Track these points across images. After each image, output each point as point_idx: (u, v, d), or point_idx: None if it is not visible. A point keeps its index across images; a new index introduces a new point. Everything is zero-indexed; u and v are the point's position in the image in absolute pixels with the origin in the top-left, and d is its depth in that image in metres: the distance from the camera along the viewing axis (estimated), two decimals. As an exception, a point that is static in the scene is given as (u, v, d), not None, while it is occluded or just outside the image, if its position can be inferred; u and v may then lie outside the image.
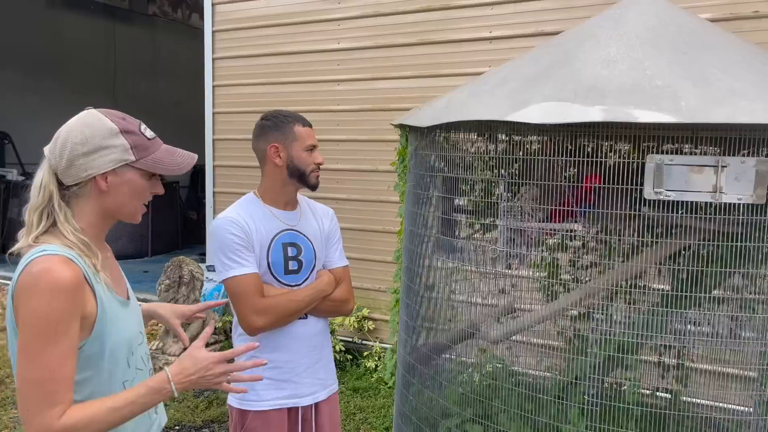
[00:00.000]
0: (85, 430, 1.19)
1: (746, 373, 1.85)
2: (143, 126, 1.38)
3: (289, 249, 2.05)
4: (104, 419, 1.21)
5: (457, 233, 2.06)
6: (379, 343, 4.59)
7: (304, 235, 2.08)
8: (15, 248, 1.27)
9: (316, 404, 2.09)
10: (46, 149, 1.32)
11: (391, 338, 2.39)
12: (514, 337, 2.12)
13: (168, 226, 8.45)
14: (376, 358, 4.50)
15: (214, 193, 5.39)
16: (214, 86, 5.31)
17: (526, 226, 1.77)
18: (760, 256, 1.63)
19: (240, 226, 1.97)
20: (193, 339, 5.06)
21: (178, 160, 1.39)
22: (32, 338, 1.17)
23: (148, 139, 1.36)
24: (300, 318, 2.05)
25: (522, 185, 1.74)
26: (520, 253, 1.84)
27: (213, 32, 5.26)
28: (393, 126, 2.21)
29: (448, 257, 2.03)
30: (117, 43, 10.49)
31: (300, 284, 2.06)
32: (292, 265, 2.05)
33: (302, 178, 2.03)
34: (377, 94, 4.57)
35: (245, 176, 4.61)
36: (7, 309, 1.24)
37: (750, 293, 1.86)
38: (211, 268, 5.15)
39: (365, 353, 4.59)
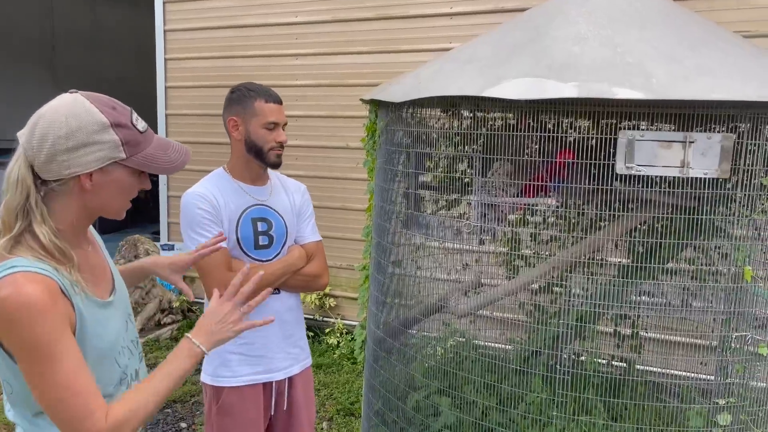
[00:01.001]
0: (133, 420, 1.14)
1: (697, 341, 1.95)
2: (135, 115, 1.23)
3: (259, 224, 2.02)
4: (147, 402, 1.17)
5: (429, 210, 2.07)
6: (341, 319, 4.61)
7: (275, 210, 2.06)
8: None
9: (290, 378, 2.10)
10: (21, 136, 1.16)
11: (360, 314, 2.40)
12: (479, 312, 2.17)
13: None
14: (338, 335, 4.52)
15: (167, 169, 5.23)
16: (166, 59, 5.12)
17: (501, 201, 1.80)
18: (711, 228, 1.71)
19: (208, 201, 1.94)
20: (149, 318, 4.89)
21: (172, 156, 1.26)
22: (34, 365, 1.09)
23: (140, 132, 1.22)
24: (272, 293, 2.03)
25: (496, 160, 1.77)
26: (493, 229, 1.87)
27: (164, 3, 5.06)
28: (362, 101, 2.19)
29: (419, 232, 2.05)
30: (55, 12, 9.93)
31: (271, 259, 2.04)
32: (263, 240, 2.02)
33: (259, 155, 2.00)
34: (336, 69, 4.51)
35: (200, 152, 4.48)
36: None
37: (702, 264, 1.97)
38: (165, 247, 5.03)
39: (327, 330, 4.60)
